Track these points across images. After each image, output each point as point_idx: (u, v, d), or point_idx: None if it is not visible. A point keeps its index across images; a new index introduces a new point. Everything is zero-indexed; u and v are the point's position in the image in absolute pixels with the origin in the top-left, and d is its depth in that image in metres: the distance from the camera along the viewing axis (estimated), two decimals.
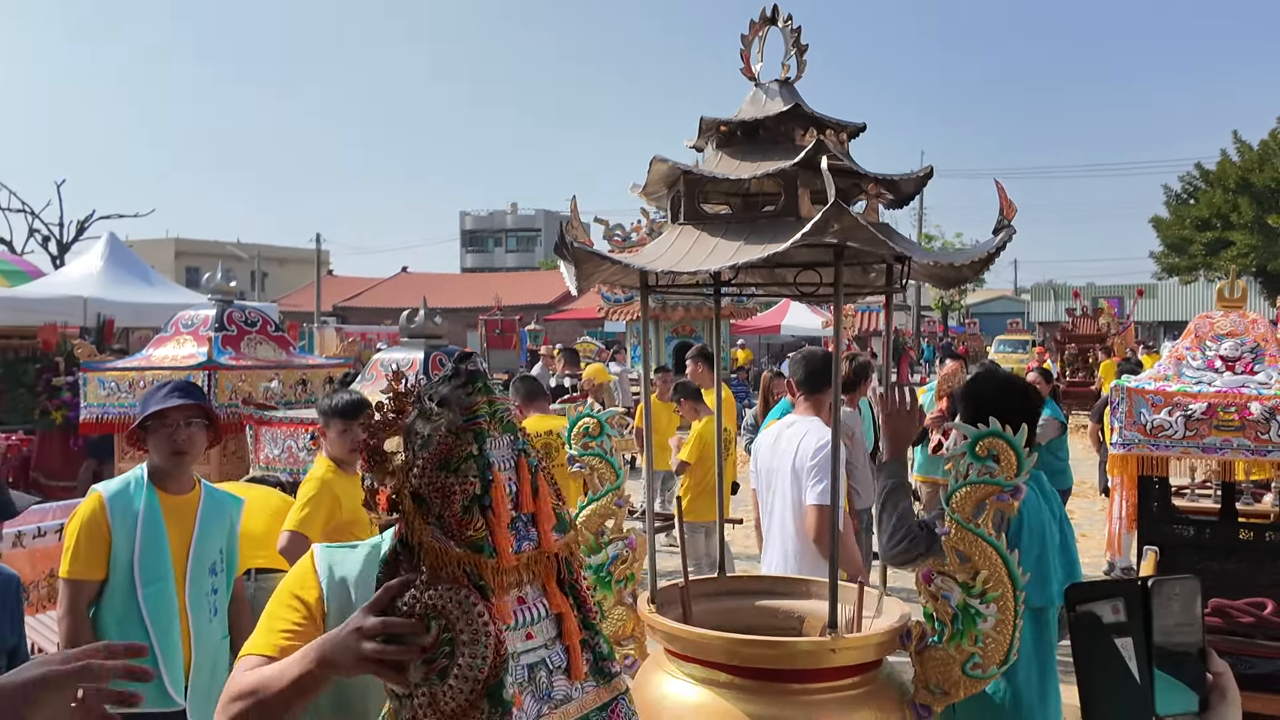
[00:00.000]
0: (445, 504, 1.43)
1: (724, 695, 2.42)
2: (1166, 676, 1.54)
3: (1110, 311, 22.51)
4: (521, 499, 1.49)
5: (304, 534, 3.84)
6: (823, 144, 2.33)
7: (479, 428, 1.47)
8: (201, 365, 6.19)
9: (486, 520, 1.44)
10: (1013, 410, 2.65)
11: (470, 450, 1.45)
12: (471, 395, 1.49)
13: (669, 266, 2.38)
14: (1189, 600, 1.76)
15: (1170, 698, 1.44)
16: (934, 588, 2.44)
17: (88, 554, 3.15)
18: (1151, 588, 1.81)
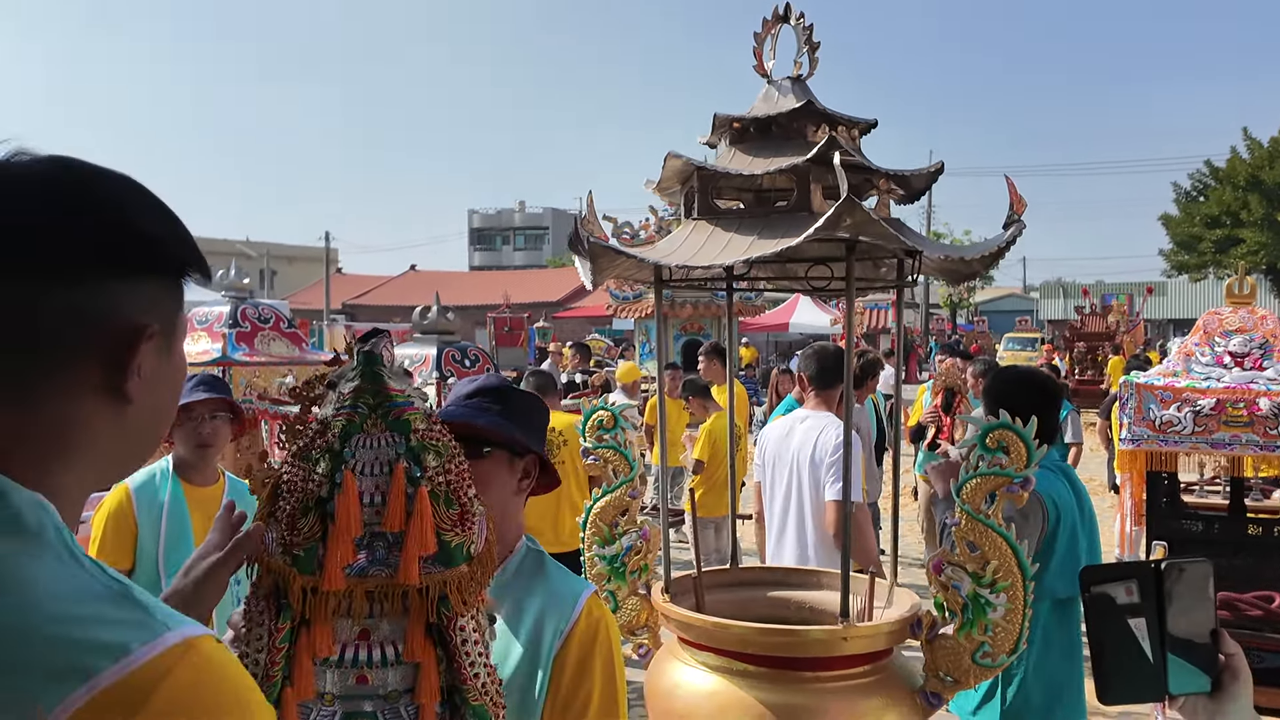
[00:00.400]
0: (288, 500, 1.24)
1: (737, 683, 2.46)
2: (1179, 657, 1.58)
3: (1119, 309, 22.46)
4: (389, 515, 1.22)
5: None
6: (835, 140, 2.36)
7: (348, 418, 1.25)
8: (216, 361, 6.23)
9: (325, 529, 1.21)
10: (1028, 403, 2.68)
11: (332, 443, 1.24)
12: (352, 380, 1.28)
13: (683, 261, 2.42)
14: (1201, 582, 1.80)
15: (1183, 677, 1.48)
16: (944, 578, 2.47)
17: (114, 544, 3.20)
18: (1165, 570, 1.85)
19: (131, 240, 0.86)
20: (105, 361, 0.84)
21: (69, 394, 0.84)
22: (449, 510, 1.26)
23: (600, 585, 2.85)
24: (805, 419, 4.22)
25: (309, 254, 51.62)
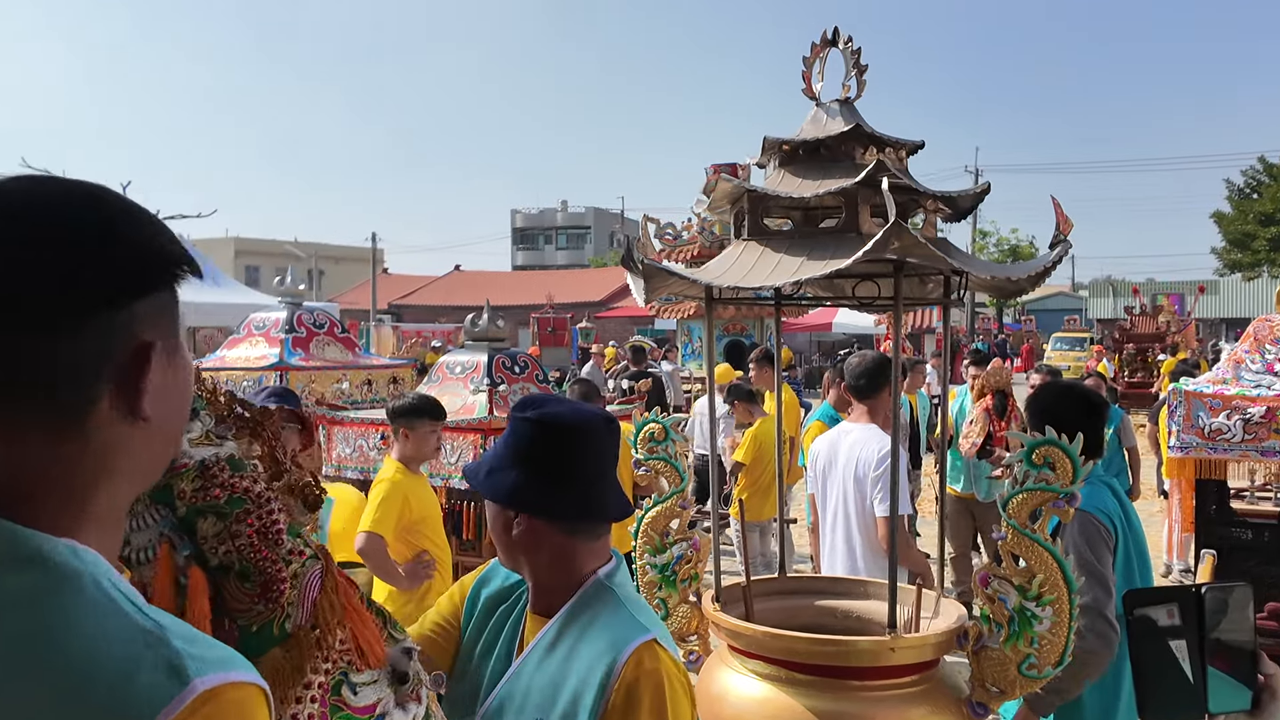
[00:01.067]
0: None
1: (785, 690, 2.54)
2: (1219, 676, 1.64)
3: (1170, 309, 22.08)
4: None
5: (379, 534, 4.02)
6: (883, 164, 2.42)
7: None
8: (273, 366, 6.43)
9: None
10: (1073, 417, 2.72)
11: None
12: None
13: (735, 282, 2.50)
14: (1241, 606, 1.87)
15: (1223, 696, 1.55)
16: (990, 590, 2.52)
17: None
18: (1205, 594, 1.93)
19: (131, 264, 0.86)
20: (121, 387, 0.85)
21: (96, 426, 0.84)
22: (244, 586, 1.03)
23: (651, 593, 2.93)
24: (850, 432, 4.26)
25: (355, 254, 52.30)
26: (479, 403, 5.16)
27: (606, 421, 1.72)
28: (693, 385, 14.28)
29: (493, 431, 4.88)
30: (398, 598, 4.16)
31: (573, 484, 1.67)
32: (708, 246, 14.52)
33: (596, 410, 1.78)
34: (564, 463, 1.67)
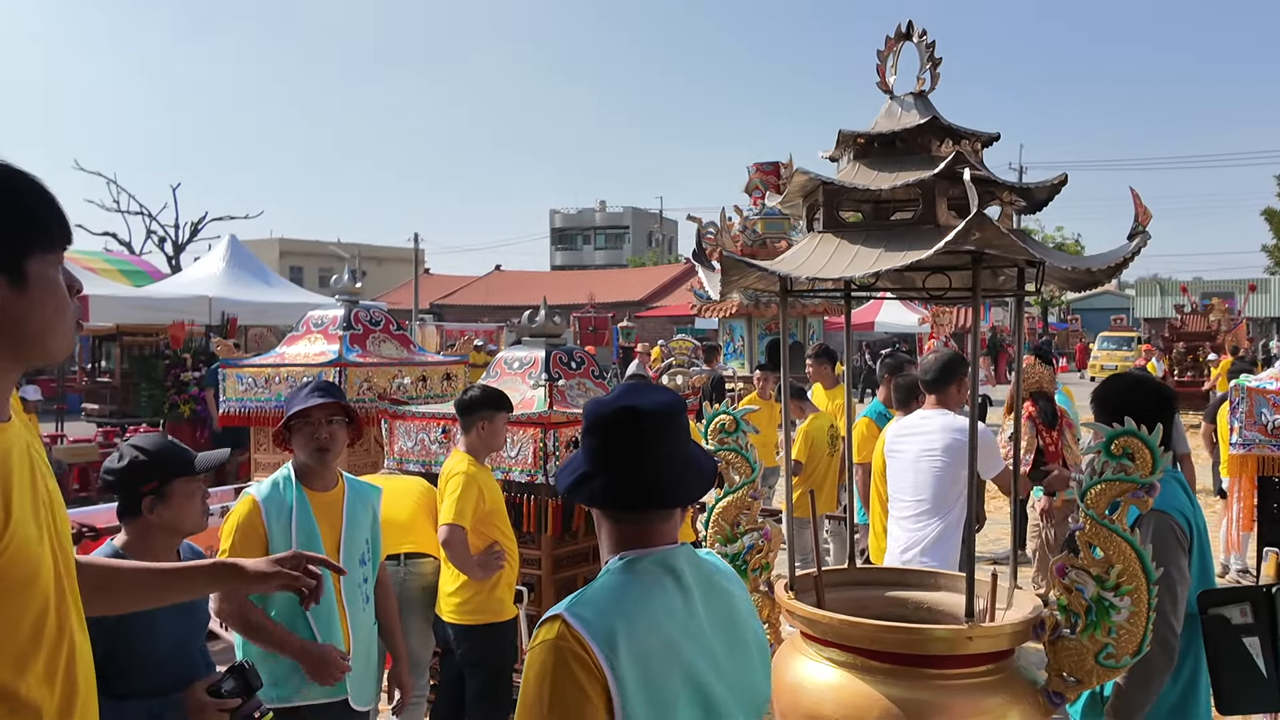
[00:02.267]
0: None
1: (861, 678, 2.56)
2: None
3: (1223, 307, 21.71)
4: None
5: (462, 525, 4.09)
6: (962, 155, 2.44)
7: None
8: (332, 362, 6.53)
9: None
10: (1146, 409, 2.71)
11: None
12: None
13: (813, 273, 2.52)
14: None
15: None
16: (1068, 581, 2.53)
17: (244, 553, 3.21)
18: (1277, 594, 1.97)
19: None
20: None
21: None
22: None
23: None
24: (927, 417, 4.41)
25: (397, 254, 52.83)
26: (538, 397, 5.22)
27: (623, 411, 1.76)
28: (736, 384, 14.30)
29: (552, 426, 4.93)
30: (470, 587, 4.23)
31: (595, 471, 1.76)
32: (749, 245, 14.54)
33: (616, 399, 1.80)
34: (588, 452, 1.78)
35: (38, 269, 1.45)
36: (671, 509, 1.79)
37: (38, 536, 1.43)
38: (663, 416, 1.76)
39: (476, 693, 4.36)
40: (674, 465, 1.76)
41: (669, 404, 1.78)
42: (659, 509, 1.77)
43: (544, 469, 4.92)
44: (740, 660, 1.80)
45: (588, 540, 5.40)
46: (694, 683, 1.68)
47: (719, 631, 1.77)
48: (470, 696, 4.39)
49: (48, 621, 1.43)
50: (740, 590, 1.89)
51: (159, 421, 12.74)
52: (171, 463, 2.74)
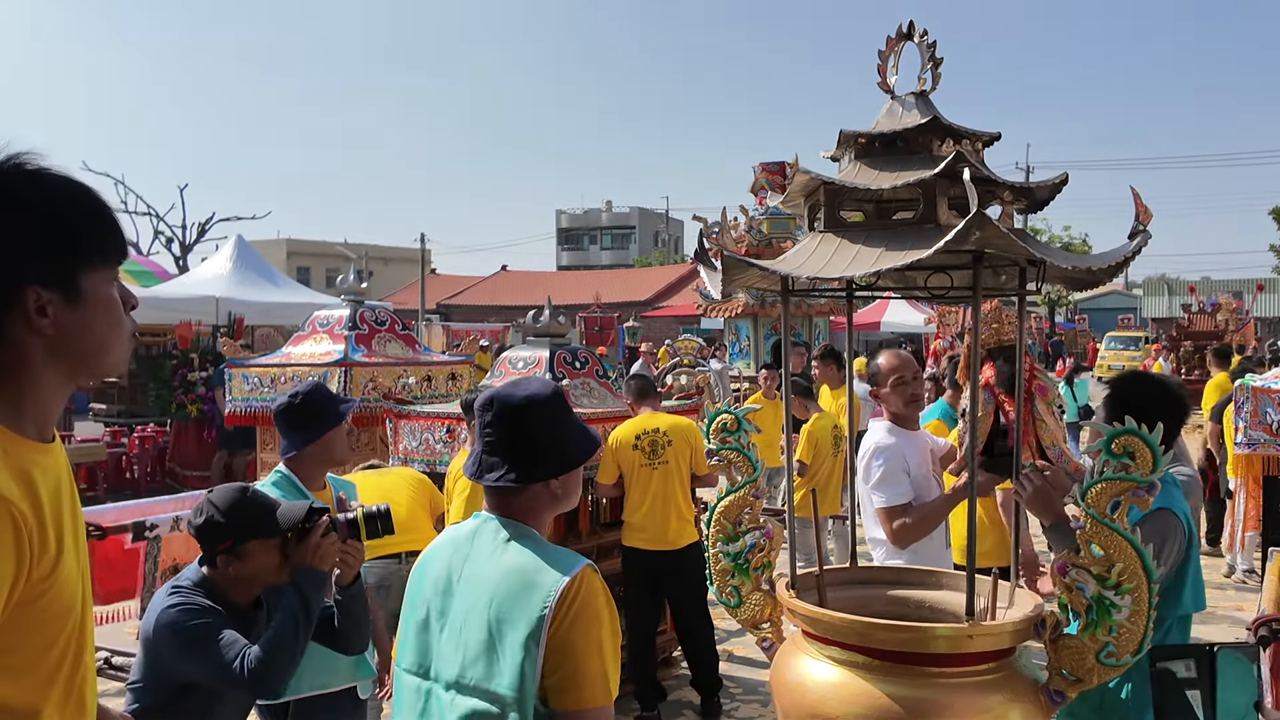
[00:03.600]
0: None
1: (862, 676, 2.57)
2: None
3: (1231, 306, 21.66)
4: None
5: None
6: (962, 155, 2.44)
7: None
8: (338, 362, 6.57)
9: None
10: (1153, 408, 2.72)
11: None
12: None
13: (814, 273, 2.53)
14: (1250, 665, 2.11)
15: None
16: (1069, 579, 2.54)
17: None
18: (1217, 653, 2.18)
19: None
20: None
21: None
22: None
23: (724, 581, 2.98)
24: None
25: (404, 255, 52.91)
26: None
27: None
28: (741, 383, 14.31)
29: None
30: None
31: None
32: (755, 245, 14.54)
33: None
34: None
35: (93, 284, 1.43)
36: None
37: (76, 563, 1.43)
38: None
39: None
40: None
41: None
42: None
43: None
44: (470, 634, 1.98)
45: (591, 539, 5.43)
46: (424, 609, 2.11)
47: (465, 595, 2.03)
48: None
49: (70, 645, 1.43)
50: (526, 598, 1.94)
51: (166, 421, 12.80)
52: (245, 525, 2.70)
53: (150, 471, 12.65)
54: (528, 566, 1.97)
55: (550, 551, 2.03)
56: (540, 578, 1.94)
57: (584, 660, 1.89)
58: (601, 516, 5.42)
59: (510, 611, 1.93)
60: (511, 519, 2.09)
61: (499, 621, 1.94)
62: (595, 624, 1.91)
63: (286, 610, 2.57)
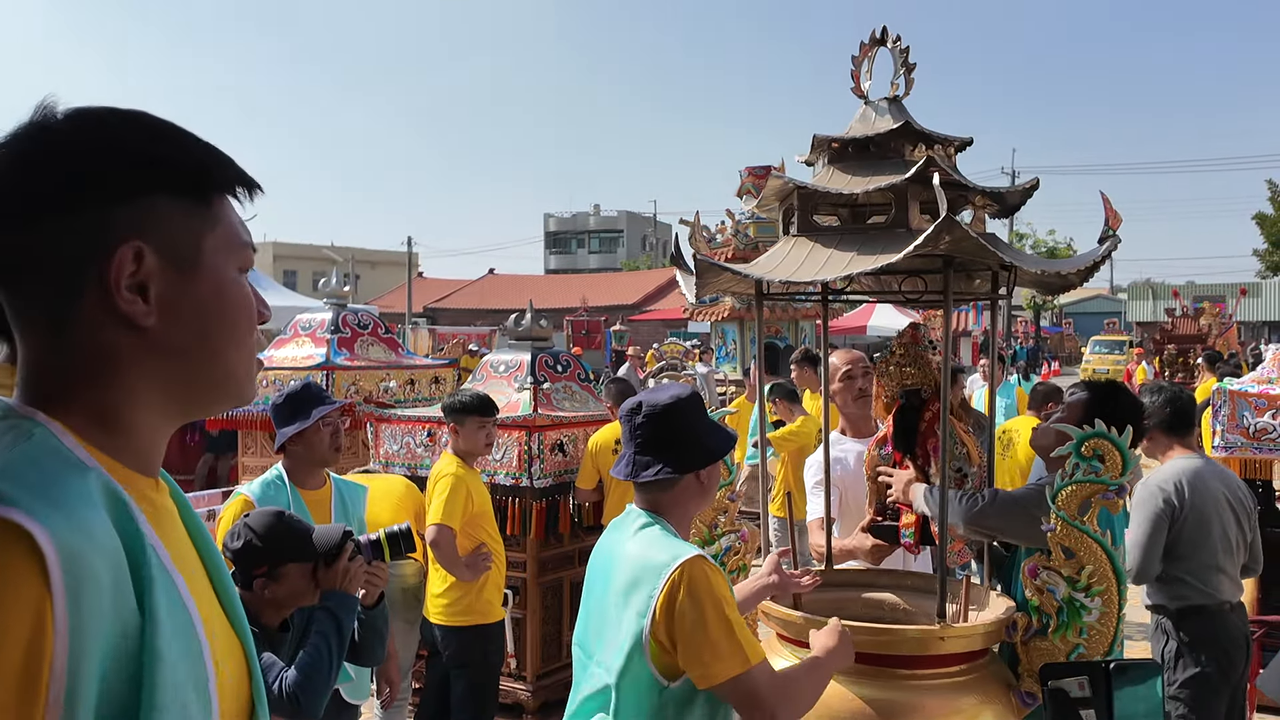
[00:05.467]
0: None
1: (837, 679, 2.57)
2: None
3: (1214, 311, 21.81)
4: None
5: (449, 525, 4.11)
6: (933, 160, 2.46)
7: None
8: (320, 366, 6.54)
9: None
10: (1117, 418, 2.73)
11: None
12: None
13: (786, 277, 2.54)
14: (1149, 682, 2.10)
15: None
16: (1039, 582, 2.55)
17: None
18: (1112, 670, 2.16)
19: (91, 170, 0.88)
20: (101, 288, 0.87)
21: (84, 326, 0.89)
22: None
23: None
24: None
25: (391, 258, 52.78)
26: (523, 400, 5.24)
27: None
28: (727, 387, 14.32)
29: (536, 429, 4.95)
30: (457, 589, 4.25)
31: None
32: (742, 248, 14.57)
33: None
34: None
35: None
36: None
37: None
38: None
39: (462, 694, 4.37)
40: None
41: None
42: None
43: (529, 472, 4.94)
44: (602, 613, 2.20)
45: (573, 543, 5.42)
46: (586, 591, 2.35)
47: (604, 578, 2.25)
48: (456, 698, 4.40)
49: None
50: (641, 583, 2.11)
51: None
52: (282, 549, 2.71)
53: None
54: (647, 554, 2.14)
55: (670, 540, 2.18)
56: (654, 564, 2.10)
57: (702, 637, 2.01)
58: (584, 520, 5.41)
59: (627, 594, 2.11)
60: (652, 512, 2.26)
61: (618, 603, 2.13)
62: (705, 603, 2.03)
63: (320, 633, 2.61)
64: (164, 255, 0.90)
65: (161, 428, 0.97)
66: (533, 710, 5.10)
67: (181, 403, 0.96)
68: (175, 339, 0.92)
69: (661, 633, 2.04)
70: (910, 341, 2.92)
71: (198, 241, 0.93)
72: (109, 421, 0.90)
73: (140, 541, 0.84)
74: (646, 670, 2.06)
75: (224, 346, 0.95)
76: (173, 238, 0.91)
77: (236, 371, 0.97)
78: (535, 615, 5.15)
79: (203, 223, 0.94)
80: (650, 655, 2.05)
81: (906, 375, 2.90)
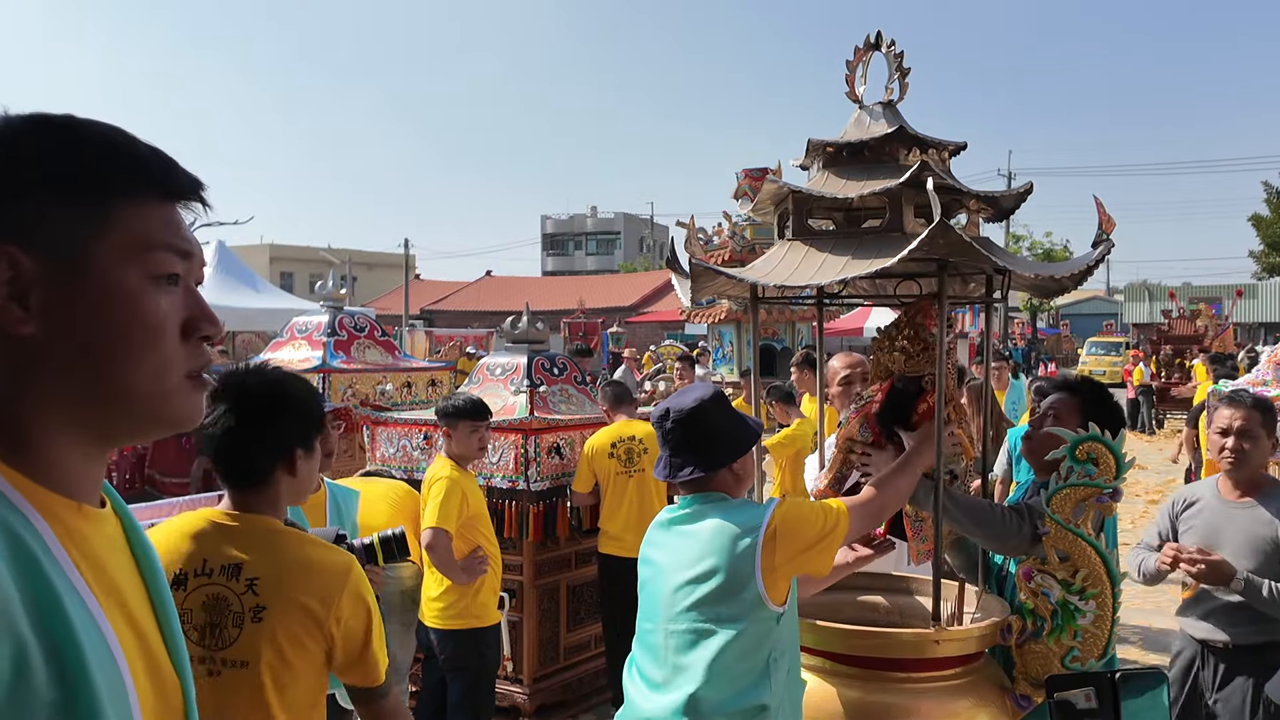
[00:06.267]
0: None
1: (831, 682, 2.59)
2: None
3: (1209, 313, 21.86)
4: None
5: (445, 529, 4.11)
6: (927, 164, 2.47)
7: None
8: (316, 368, 6.54)
9: None
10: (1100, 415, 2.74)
11: None
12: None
13: (781, 281, 2.55)
14: (1155, 692, 2.09)
15: None
16: (1034, 585, 2.56)
17: None
18: (1119, 681, 2.14)
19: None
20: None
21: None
22: None
23: None
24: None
25: (388, 260, 52.76)
26: (519, 403, 5.24)
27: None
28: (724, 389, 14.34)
29: (533, 432, 4.95)
30: (453, 592, 4.25)
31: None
32: (738, 251, 14.59)
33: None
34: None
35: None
36: None
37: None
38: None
39: (458, 698, 4.37)
40: None
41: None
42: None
43: (525, 475, 4.94)
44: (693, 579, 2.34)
45: (570, 546, 5.42)
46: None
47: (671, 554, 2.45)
48: (452, 701, 4.40)
49: None
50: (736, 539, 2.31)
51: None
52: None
53: (130, 479, 12.54)
54: (729, 519, 2.35)
55: (743, 504, 2.43)
56: (748, 520, 2.32)
57: (810, 542, 2.30)
58: (582, 523, 5.41)
59: (723, 553, 2.30)
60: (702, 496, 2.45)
61: (709, 567, 2.30)
62: (798, 524, 2.31)
63: None
64: (46, 260, 0.84)
65: (86, 449, 0.90)
66: (529, 713, 5.10)
67: (92, 424, 0.89)
68: (60, 350, 0.86)
69: (779, 573, 2.27)
70: (921, 322, 2.68)
71: (84, 246, 0.86)
72: (13, 438, 0.86)
73: (36, 566, 0.80)
74: (765, 609, 2.27)
75: (116, 361, 0.87)
76: (55, 242, 0.85)
77: (139, 389, 0.89)
78: (532, 618, 5.15)
79: (93, 226, 0.87)
80: (769, 594, 2.26)
81: (912, 361, 2.69)
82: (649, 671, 2.39)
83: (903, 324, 2.73)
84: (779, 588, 2.31)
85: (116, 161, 0.90)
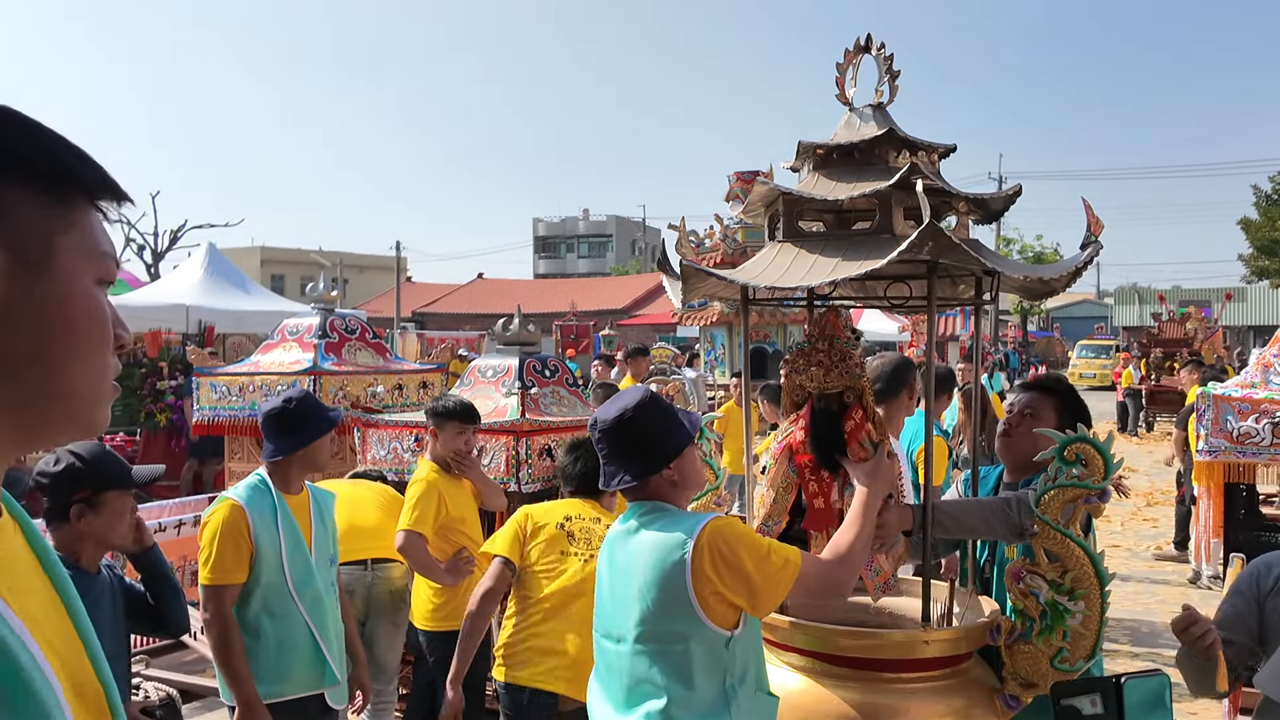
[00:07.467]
0: None
1: (821, 682, 2.59)
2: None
3: (1198, 316, 21.99)
4: None
5: (419, 532, 4.10)
6: (917, 166, 2.48)
7: None
8: (307, 371, 6.53)
9: None
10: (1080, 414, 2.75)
11: None
12: None
13: (771, 282, 2.55)
14: (1158, 694, 2.10)
15: None
16: (1023, 585, 2.57)
17: (234, 559, 3.28)
18: (1124, 685, 2.15)
19: None
20: None
21: None
22: None
23: None
24: None
25: (380, 263, 52.70)
26: (510, 405, 5.23)
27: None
28: (715, 391, 14.35)
29: (524, 434, 4.94)
30: (440, 594, 4.24)
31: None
32: (730, 253, 14.62)
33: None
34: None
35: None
36: None
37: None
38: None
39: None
40: None
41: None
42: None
43: (516, 476, 4.93)
44: (633, 594, 2.32)
45: None
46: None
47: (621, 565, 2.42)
48: (442, 703, 4.40)
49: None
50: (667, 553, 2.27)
51: (135, 430, 12.67)
52: (107, 474, 2.69)
53: None
54: (663, 534, 2.31)
55: (678, 515, 2.37)
56: (675, 536, 2.27)
57: (746, 570, 2.21)
58: None
59: (657, 571, 2.26)
60: (645, 503, 2.42)
61: (647, 586, 2.28)
62: (734, 543, 2.23)
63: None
64: (8, 251, 0.81)
65: (2, 452, 0.87)
66: None
67: (23, 426, 0.86)
68: (10, 345, 0.82)
69: (707, 590, 2.21)
70: (831, 333, 2.64)
71: (49, 239, 0.84)
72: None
73: None
74: (708, 629, 2.22)
75: (66, 360, 0.85)
76: (19, 233, 0.82)
77: (79, 391, 0.87)
78: None
79: (57, 221, 0.85)
80: (705, 613, 2.21)
81: (830, 374, 2.60)
82: (610, 690, 2.38)
83: (815, 337, 2.67)
84: (717, 611, 2.23)
85: (80, 160, 0.88)
